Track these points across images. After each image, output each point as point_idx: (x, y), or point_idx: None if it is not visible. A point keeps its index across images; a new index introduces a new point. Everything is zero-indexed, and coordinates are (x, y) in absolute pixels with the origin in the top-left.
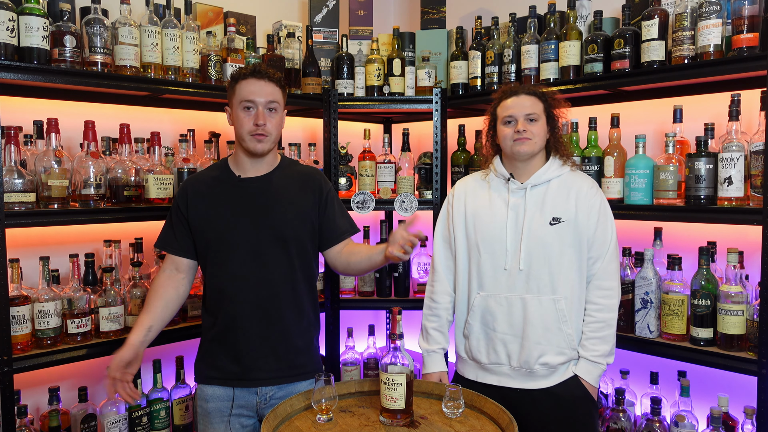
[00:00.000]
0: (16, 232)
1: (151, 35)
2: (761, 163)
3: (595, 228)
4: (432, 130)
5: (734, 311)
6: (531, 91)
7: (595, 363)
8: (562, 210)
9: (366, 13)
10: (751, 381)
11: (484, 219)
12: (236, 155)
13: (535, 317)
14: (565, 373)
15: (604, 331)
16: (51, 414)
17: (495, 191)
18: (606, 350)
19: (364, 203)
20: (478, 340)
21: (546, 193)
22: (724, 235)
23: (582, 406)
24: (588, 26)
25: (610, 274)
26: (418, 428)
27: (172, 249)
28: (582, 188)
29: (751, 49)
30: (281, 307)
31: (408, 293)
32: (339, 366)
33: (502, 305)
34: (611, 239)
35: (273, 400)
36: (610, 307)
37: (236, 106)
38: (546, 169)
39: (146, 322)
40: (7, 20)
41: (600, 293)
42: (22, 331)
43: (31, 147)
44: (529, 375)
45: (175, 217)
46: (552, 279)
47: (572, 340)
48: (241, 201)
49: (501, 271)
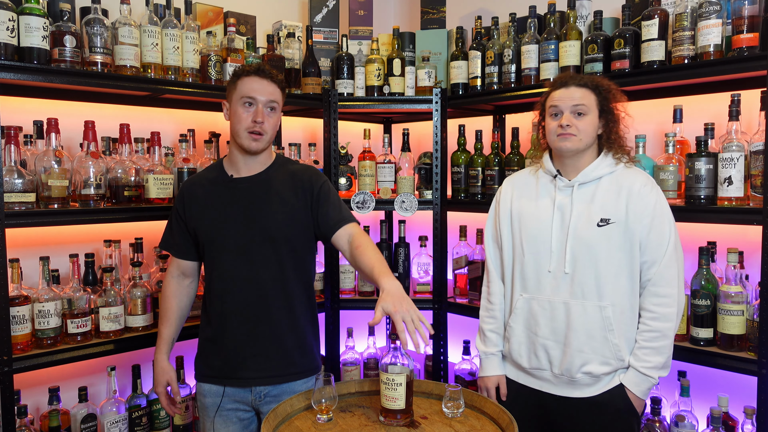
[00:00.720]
0: (16, 232)
1: (151, 35)
2: (761, 163)
3: (649, 229)
4: (432, 130)
5: (734, 311)
6: (583, 83)
7: (645, 375)
8: (611, 210)
9: (366, 13)
10: (751, 381)
11: (530, 218)
12: (230, 154)
13: (578, 323)
14: (610, 382)
15: (658, 341)
16: (51, 414)
17: (543, 189)
18: (660, 362)
19: (364, 203)
20: (520, 344)
21: (595, 191)
22: (724, 235)
23: (623, 420)
24: (588, 26)
25: (667, 280)
26: (418, 428)
27: (174, 251)
28: (634, 186)
29: (751, 49)
30: (271, 307)
31: (408, 293)
32: (339, 366)
33: (545, 309)
34: (669, 241)
35: (268, 397)
36: (666, 316)
37: (236, 101)
38: (595, 166)
39: (168, 335)
40: (7, 20)
41: (655, 300)
42: (22, 331)
43: (31, 147)
44: (571, 383)
45: (174, 219)
46: (598, 284)
47: (619, 350)
48: (231, 201)
49: (545, 273)
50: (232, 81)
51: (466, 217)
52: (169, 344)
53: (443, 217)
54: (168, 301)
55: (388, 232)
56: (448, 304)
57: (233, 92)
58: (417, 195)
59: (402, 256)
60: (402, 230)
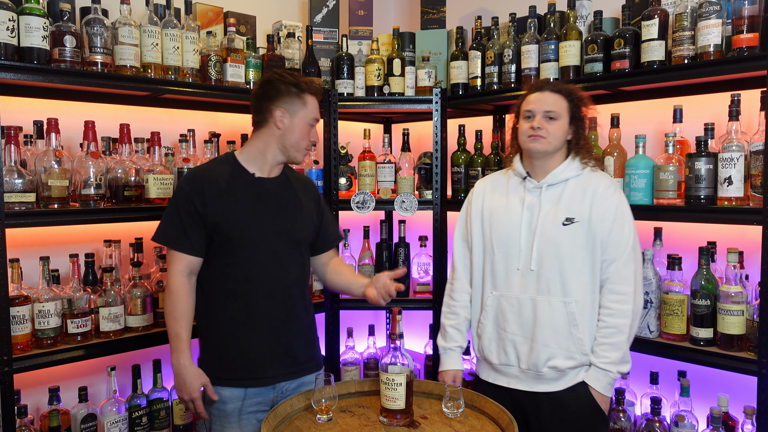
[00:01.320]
0: (16, 232)
1: (151, 35)
2: (761, 163)
3: (611, 229)
4: (432, 130)
5: (734, 311)
6: (557, 89)
7: (605, 371)
8: (576, 210)
9: (366, 13)
10: (751, 381)
11: (500, 218)
12: (261, 154)
13: (544, 319)
14: (574, 378)
15: (615, 337)
16: (51, 414)
17: (513, 190)
18: (616, 357)
19: (364, 203)
20: (490, 341)
21: (563, 193)
22: (724, 235)
23: (588, 415)
24: (588, 26)
25: (624, 278)
26: (418, 428)
27: (187, 248)
28: (599, 187)
29: (751, 49)
30: (295, 306)
31: (408, 293)
32: (339, 366)
33: (513, 306)
34: (628, 241)
35: (288, 392)
36: (623, 313)
37: (306, 118)
38: (563, 169)
39: (188, 337)
40: (7, 20)
41: (613, 297)
42: (22, 331)
43: (31, 147)
44: (537, 378)
45: (185, 212)
46: (563, 281)
47: (583, 344)
48: (259, 200)
49: (514, 271)
50: (296, 93)
51: None
52: (190, 346)
53: (443, 217)
54: (183, 302)
55: (388, 232)
56: None
57: (300, 107)
58: (417, 195)
59: (402, 256)
60: (402, 230)
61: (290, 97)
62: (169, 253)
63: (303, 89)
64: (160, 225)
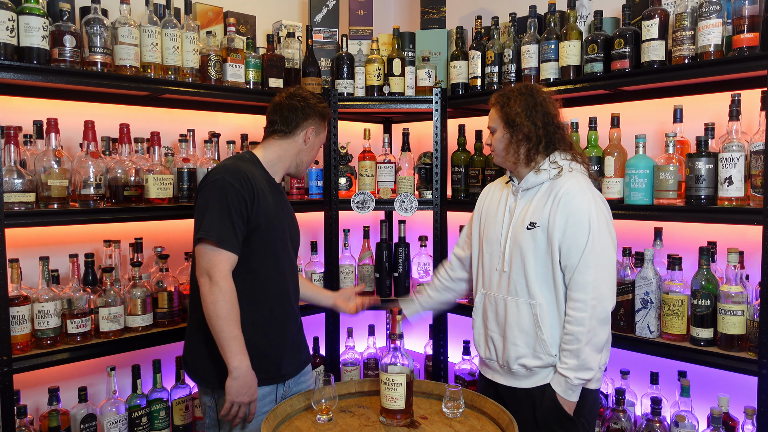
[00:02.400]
0: (15, 232)
1: (151, 35)
2: (761, 163)
3: (563, 234)
4: (432, 130)
5: (734, 311)
6: (494, 101)
7: (564, 376)
8: (538, 215)
9: (366, 13)
10: (751, 381)
11: (490, 220)
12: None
13: (512, 319)
14: (544, 377)
15: (572, 344)
16: (51, 414)
17: (503, 194)
18: (574, 364)
19: (364, 203)
20: (479, 335)
21: (534, 197)
22: (724, 235)
23: (554, 416)
24: (588, 26)
25: (580, 285)
26: (418, 428)
27: (235, 248)
28: (559, 193)
29: (752, 49)
30: (297, 305)
31: (408, 293)
32: (339, 366)
33: (492, 304)
34: (586, 247)
35: (291, 387)
36: (578, 320)
37: (319, 138)
38: (534, 173)
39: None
40: (6, 20)
41: (571, 304)
42: (21, 331)
43: (31, 147)
44: (511, 374)
45: (236, 210)
46: (528, 283)
47: (547, 346)
48: (279, 205)
49: (494, 271)
50: (321, 117)
51: (466, 217)
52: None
53: (443, 217)
54: (236, 303)
55: (388, 232)
56: None
57: (322, 131)
58: (417, 195)
59: (402, 256)
60: (402, 230)
61: (320, 118)
62: (212, 252)
63: (326, 115)
64: (207, 221)
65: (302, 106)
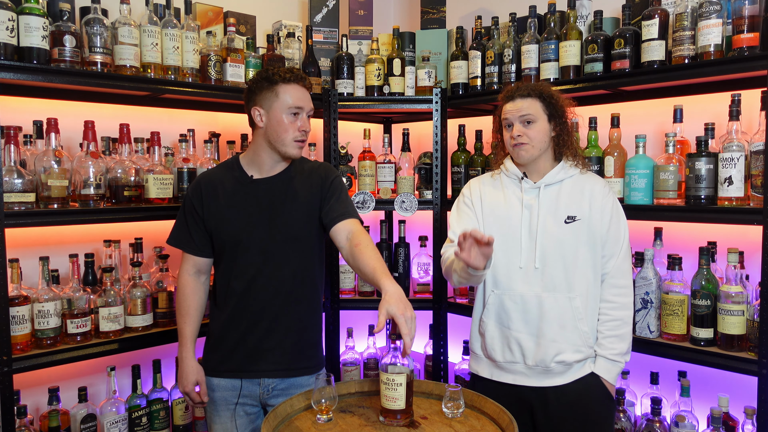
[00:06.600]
0: (15, 232)
1: (151, 35)
2: (761, 163)
3: (608, 226)
4: (432, 130)
5: (734, 311)
6: (526, 93)
7: (614, 361)
8: (576, 209)
9: (366, 13)
10: (751, 381)
11: (500, 217)
12: (256, 155)
13: (551, 315)
14: (580, 370)
15: (621, 329)
16: (51, 414)
17: (509, 190)
18: (624, 348)
19: (364, 203)
20: (493, 339)
21: (559, 192)
22: (724, 235)
23: (600, 405)
24: (588, 26)
25: (624, 272)
26: (418, 428)
27: (190, 248)
28: (595, 189)
29: (752, 49)
30: (289, 303)
31: (408, 293)
32: (339, 366)
33: (517, 303)
34: (624, 238)
35: (276, 391)
36: (625, 305)
37: (280, 110)
38: (558, 171)
39: (192, 333)
40: (6, 20)
41: (615, 291)
42: (21, 331)
43: (31, 147)
44: (545, 373)
45: (189, 215)
46: (567, 277)
47: (588, 337)
48: (253, 202)
49: (516, 269)
50: (267, 87)
51: None
52: (194, 342)
53: (443, 217)
54: (188, 299)
55: (388, 232)
56: (448, 304)
57: (274, 100)
58: (417, 195)
59: (402, 256)
60: (402, 230)
61: (263, 92)
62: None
63: (275, 81)
64: (172, 227)
65: (246, 91)
